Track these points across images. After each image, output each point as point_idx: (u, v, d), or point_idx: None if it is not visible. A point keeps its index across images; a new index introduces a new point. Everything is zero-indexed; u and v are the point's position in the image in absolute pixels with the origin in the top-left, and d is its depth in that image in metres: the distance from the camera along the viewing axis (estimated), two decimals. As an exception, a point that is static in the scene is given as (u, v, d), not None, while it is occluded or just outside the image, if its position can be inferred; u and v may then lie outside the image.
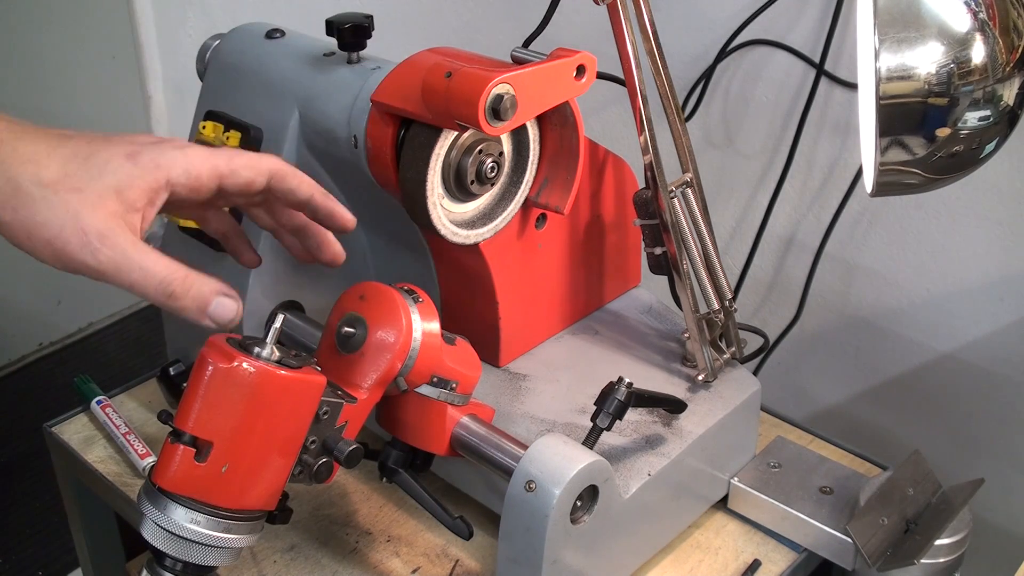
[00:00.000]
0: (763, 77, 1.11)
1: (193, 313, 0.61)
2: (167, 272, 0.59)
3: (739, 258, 1.18)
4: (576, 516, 0.70)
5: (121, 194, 0.59)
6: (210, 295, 0.61)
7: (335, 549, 0.83)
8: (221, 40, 0.91)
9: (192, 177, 0.62)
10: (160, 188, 0.61)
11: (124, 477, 0.91)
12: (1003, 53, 0.63)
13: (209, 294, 0.61)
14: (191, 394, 0.62)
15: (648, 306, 0.95)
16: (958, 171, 0.68)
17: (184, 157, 0.62)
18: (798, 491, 0.85)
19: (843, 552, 0.81)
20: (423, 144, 0.74)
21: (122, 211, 0.59)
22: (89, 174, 0.58)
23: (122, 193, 0.59)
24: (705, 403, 0.83)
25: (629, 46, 0.79)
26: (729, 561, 0.83)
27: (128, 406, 0.99)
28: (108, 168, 0.59)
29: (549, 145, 0.81)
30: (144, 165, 0.60)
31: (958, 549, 0.78)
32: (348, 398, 0.68)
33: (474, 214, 0.80)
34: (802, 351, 1.19)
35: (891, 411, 1.14)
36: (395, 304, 0.69)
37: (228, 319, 0.62)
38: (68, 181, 0.58)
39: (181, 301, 0.60)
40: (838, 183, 1.09)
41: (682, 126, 0.85)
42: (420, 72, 0.73)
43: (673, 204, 0.83)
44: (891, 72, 0.63)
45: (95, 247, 0.57)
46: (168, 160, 0.61)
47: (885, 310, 1.11)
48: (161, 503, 0.63)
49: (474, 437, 0.73)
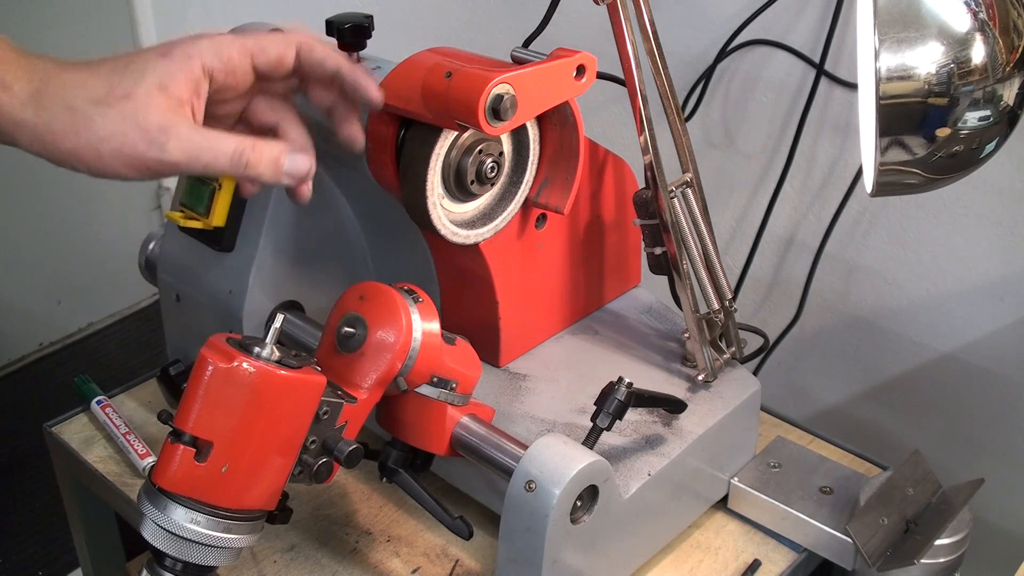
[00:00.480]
0: (763, 77, 1.11)
1: (271, 175, 0.64)
2: (236, 144, 0.62)
3: (739, 258, 1.18)
4: (576, 516, 0.70)
5: (166, 89, 0.61)
6: (281, 154, 0.64)
7: (335, 549, 0.83)
8: (221, 40, 0.91)
9: (224, 59, 0.64)
10: (199, 78, 0.63)
11: (124, 477, 0.91)
12: (1003, 53, 0.63)
13: (280, 153, 0.64)
14: (191, 394, 0.62)
15: (648, 306, 0.95)
16: (958, 171, 0.68)
17: (213, 43, 0.64)
18: (798, 491, 0.85)
19: (843, 552, 0.81)
20: (423, 144, 0.74)
21: (173, 106, 0.61)
22: (132, 79, 0.61)
23: (166, 88, 0.61)
24: (705, 403, 0.83)
25: (629, 46, 0.79)
26: (729, 561, 0.83)
27: (128, 406, 0.99)
28: (147, 69, 0.61)
29: (549, 145, 0.81)
30: (177, 58, 0.62)
31: (958, 549, 0.78)
32: (348, 398, 0.68)
33: (474, 214, 0.80)
34: (802, 351, 1.19)
35: (891, 411, 1.14)
36: (395, 304, 0.69)
37: (304, 171, 0.65)
38: (116, 91, 0.60)
39: (257, 167, 0.63)
40: (838, 183, 1.09)
41: (682, 126, 0.85)
42: (420, 72, 0.73)
43: (673, 204, 0.83)
44: (891, 72, 0.63)
45: (161, 141, 0.60)
46: (198, 49, 0.63)
47: (885, 310, 1.11)
48: (161, 503, 0.63)
49: (474, 437, 0.73)
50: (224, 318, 0.87)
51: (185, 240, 0.89)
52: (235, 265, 0.86)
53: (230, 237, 0.86)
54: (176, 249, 0.92)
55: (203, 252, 0.88)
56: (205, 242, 0.87)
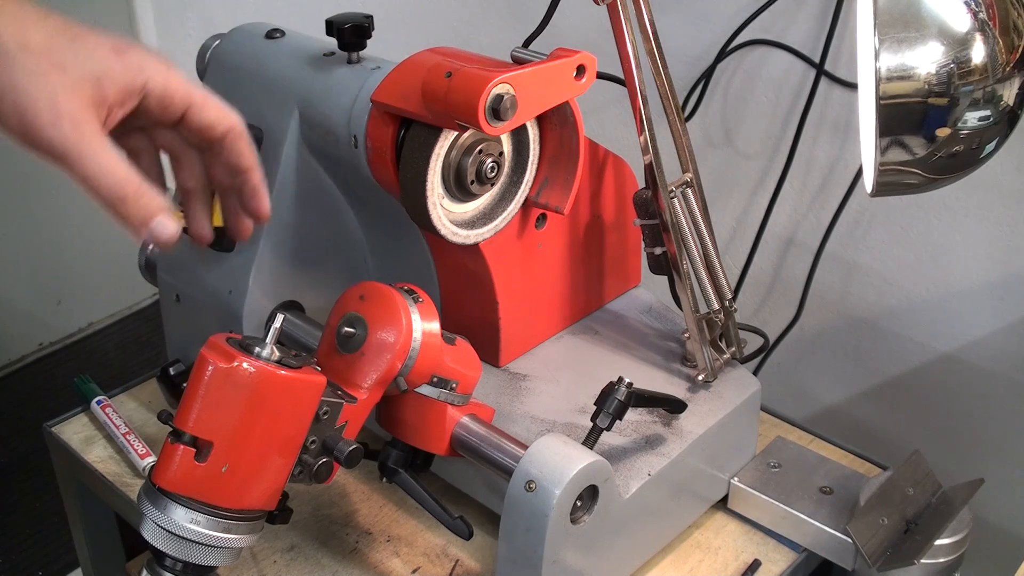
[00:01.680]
0: (763, 77, 1.11)
1: (136, 223, 0.60)
2: (124, 175, 0.59)
3: (739, 258, 1.18)
4: (576, 516, 0.70)
5: (100, 85, 0.59)
6: (157, 211, 0.60)
7: (335, 549, 0.83)
8: (221, 40, 0.91)
9: (167, 94, 0.62)
10: (136, 91, 0.61)
11: (124, 477, 0.91)
12: (1003, 53, 0.63)
13: (156, 210, 0.60)
14: (191, 394, 0.62)
15: (648, 306, 0.95)
16: (958, 171, 0.68)
17: (167, 72, 0.62)
18: (798, 491, 0.85)
19: (843, 552, 0.81)
20: (423, 144, 0.74)
21: (96, 101, 0.59)
22: (75, 56, 0.58)
23: (101, 84, 0.59)
24: (705, 403, 0.83)
25: (629, 46, 0.79)
26: (729, 561, 0.83)
27: (128, 406, 0.99)
28: (95, 56, 0.59)
29: (549, 145, 0.81)
30: (129, 64, 0.60)
31: (958, 549, 0.78)
32: (348, 398, 0.68)
33: (474, 214, 0.80)
34: (802, 351, 1.19)
35: (891, 411, 1.14)
36: (395, 304, 0.69)
37: (167, 237, 0.62)
38: (53, 56, 0.57)
39: (129, 208, 0.59)
40: (838, 183, 1.09)
41: (682, 126, 0.85)
42: (420, 72, 0.73)
43: (673, 204, 0.83)
44: (891, 72, 0.63)
45: (65, 129, 0.57)
46: (152, 68, 0.61)
47: (885, 310, 1.11)
48: (161, 503, 0.63)
49: (474, 437, 0.73)
50: (224, 318, 0.87)
51: (185, 240, 0.89)
52: (235, 265, 0.86)
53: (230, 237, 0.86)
54: (176, 249, 0.92)
55: (203, 252, 0.88)
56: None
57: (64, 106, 0.57)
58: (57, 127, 0.57)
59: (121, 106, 0.60)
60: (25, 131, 0.57)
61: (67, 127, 0.57)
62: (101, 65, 0.59)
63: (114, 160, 0.59)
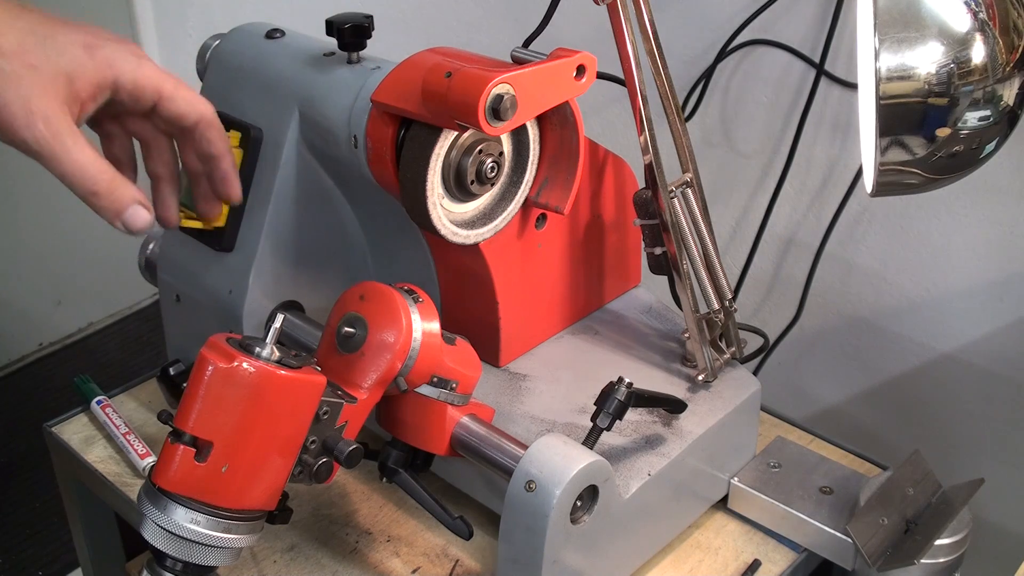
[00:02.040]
0: (762, 77, 1.11)
1: (109, 214, 0.63)
2: (97, 170, 0.61)
3: (739, 258, 1.18)
4: (576, 516, 0.70)
5: (72, 82, 0.60)
6: (129, 201, 0.63)
7: (335, 549, 0.83)
8: (221, 40, 0.91)
9: (138, 87, 0.64)
10: (107, 86, 0.63)
11: (124, 477, 0.91)
12: (1003, 53, 0.63)
13: (129, 200, 0.63)
14: (191, 394, 0.62)
15: (648, 306, 0.95)
16: (958, 171, 0.68)
17: (138, 66, 0.64)
18: (798, 491, 0.85)
19: (843, 552, 0.81)
20: (423, 144, 0.74)
21: (68, 98, 0.60)
22: (46, 54, 0.60)
23: (73, 81, 0.60)
24: (705, 403, 0.83)
25: (629, 46, 0.79)
26: (729, 561, 0.83)
27: (128, 406, 0.99)
28: (66, 53, 0.60)
29: (549, 145, 0.81)
30: (99, 60, 0.62)
31: (958, 549, 0.78)
32: (348, 398, 0.68)
33: (474, 214, 0.80)
34: (802, 351, 1.19)
35: (891, 411, 1.14)
36: (395, 304, 0.69)
37: (139, 227, 0.64)
38: (25, 56, 0.59)
39: (102, 200, 0.62)
40: (838, 183, 1.09)
41: (682, 126, 0.85)
42: (420, 72, 0.73)
43: (673, 204, 0.83)
44: (891, 72, 0.63)
45: (39, 128, 0.59)
46: (122, 63, 0.63)
47: (885, 310, 1.11)
48: (161, 503, 0.63)
49: (474, 437, 0.73)
50: (224, 318, 0.87)
51: (185, 240, 0.89)
52: (235, 265, 0.86)
53: (230, 237, 0.86)
54: (176, 249, 0.92)
55: (203, 252, 0.88)
56: (205, 242, 0.88)
57: (37, 107, 0.59)
58: (31, 128, 0.59)
59: (93, 100, 0.62)
60: (2, 131, 0.59)
61: (41, 127, 0.59)
62: (73, 63, 0.61)
63: (87, 156, 0.61)
